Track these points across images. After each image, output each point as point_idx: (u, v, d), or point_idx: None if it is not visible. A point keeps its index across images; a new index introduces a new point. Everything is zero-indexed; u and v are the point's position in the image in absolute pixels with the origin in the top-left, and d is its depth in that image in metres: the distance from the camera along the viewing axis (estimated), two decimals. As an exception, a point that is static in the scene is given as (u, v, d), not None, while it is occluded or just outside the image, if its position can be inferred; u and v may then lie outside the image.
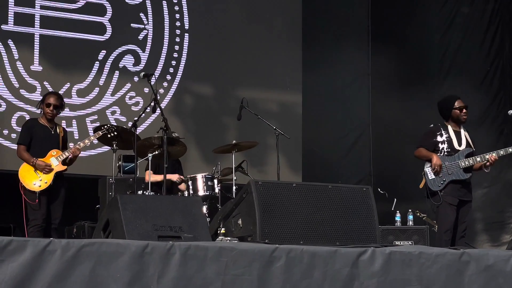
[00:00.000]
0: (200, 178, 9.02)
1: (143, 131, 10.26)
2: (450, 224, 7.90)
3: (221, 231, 6.62)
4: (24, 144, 7.96)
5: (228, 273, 5.43)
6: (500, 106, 12.81)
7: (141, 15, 11.04)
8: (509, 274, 6.21)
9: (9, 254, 4.90)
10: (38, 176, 7.81)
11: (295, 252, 5.65)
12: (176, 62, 11.20)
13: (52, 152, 7.94)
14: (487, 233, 12.64)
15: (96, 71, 10.72)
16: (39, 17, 10.44)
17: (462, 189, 8.01)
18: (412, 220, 9.96)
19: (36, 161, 7.81)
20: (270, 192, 6.47)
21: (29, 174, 7.82)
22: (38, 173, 7.82)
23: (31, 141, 7.97)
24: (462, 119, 8.09)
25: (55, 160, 7.91)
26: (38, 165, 7.81)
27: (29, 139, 7.97)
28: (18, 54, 10.30)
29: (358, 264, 5.80)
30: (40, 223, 7.77)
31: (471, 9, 13.03)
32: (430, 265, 6.02)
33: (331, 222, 6.59)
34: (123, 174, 9.34)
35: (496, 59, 13.01)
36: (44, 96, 8.13)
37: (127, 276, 5.17)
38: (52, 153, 7.93)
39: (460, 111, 8.07)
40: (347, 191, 6.83)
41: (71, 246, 5.07)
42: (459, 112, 8.07)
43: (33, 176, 7.81)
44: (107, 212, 6.43)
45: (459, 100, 8.13)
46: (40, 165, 7.81)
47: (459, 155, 8.01)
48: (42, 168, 7.81)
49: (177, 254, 5.32)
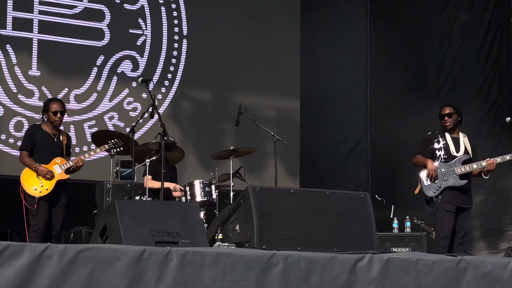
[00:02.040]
0: (198, 184, 9.01)
1: (141, 137, 10.26)
2: (448, 231, 7.90)
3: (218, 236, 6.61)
4: (27, 149, 7.97)
5: (225, 278, 5.42)
6: (498, 113, 12.82)
7: (139, 21, 11.04)
8: (506, 281, 6.21)
9: (6, 259, 4.89)
10: (39, 182, 7.81)
11: (293, 258, 5.65)
12: (174, 67, 11.20)
13: (57, 160, 7.94)
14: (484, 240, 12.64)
15: (94, 76, 10.72)
16: (38, 22, 10.44)
17: (460, 196, 8.02)
18: (409, 227, 9.97)
19: (39, 166, 7.82)
20: (268, 198, 6.47)
21: (31, 178, 7.83)
22: (40, 179, 7.82)
23: (34, 148, 7.97)
24: (444, 126, 8.14)
25: (59, 168, 7.91)
26: (40, 171, 7.82)
27: (32, 145, 7.98)
28: (16, 59, 10.30)
29: (355, 270, 5.80)
30: (41, 229, 7.77)
31: (469, 16, 13.04)
32: (427, 272, 6.02)
33: (328, 228, 6.59)
34: (121, 180, 9.33)
35: (494, 66, 13.02)
36: (48, 104, 8.11)
37: (124, 281, 5.16)
38: (57, 161, 7.94)
39: (441, 119, 8.13)
40: (344, 198, 6.83)
41: (68, 251, 5.06)
42: (441, 121, 8.14)
43: (35, 181, 7.81)
44: (105, 218, 6.43)
45: (443, 108, 8.21)
46: (42, 170, 7.81)
47: (456, 161, 8.02)
48: (44, 174, 7.81)
49: (174, 259, 5.31)
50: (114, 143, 8.25)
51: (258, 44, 11.67)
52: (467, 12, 13.03)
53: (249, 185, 6.68)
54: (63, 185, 8.00)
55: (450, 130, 8.13)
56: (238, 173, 9.44)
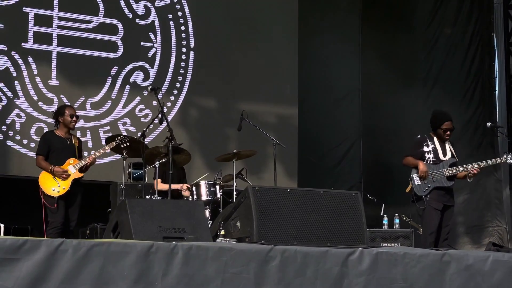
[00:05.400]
0: (204, 184, 8.98)
1: (152, 141, 10.22)
2: (435, 227, 7.92)
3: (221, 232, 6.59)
4: (43, 154, 7.96)
5: (227, 271, 5.41)
6: (479, 119, 12.81)
7: (150, 34, 11.02)
8: (487, 273, 6.19)
9: (24, 253, 4.89)
10: (56, 183, 7.80)
11: (289, 252, 5.63)
12: (182, 77, 11.18)
13: (70, 161, 7.93)
14: (468, 236, 12.63)
15: (108, 85, 10.69)
16: (57, 36, 10.42)
17: (446, 195, 8.05)
18: (398, 224, 9.93)
19: (54, 168, 7.81)
20: (266, 197, 6.46)
21: (48, 180, 7.81)
22: (56, 180, 7.81)
23: (49, 152, 7.96)
24: (444, 138, 8.12)
25: (73, 168, 7.90)
26: (56, 172, 7.81)
27: (47, 150, 7.97)
28: (37, 69, 10.28)
29: (347, 263, 5.78)
30: (59, 226, 7.76)
31: (453, 30, 13.05)
32: (414, 264, 6.00)
33: (322, 225, 6.56)
34: (133, 180, 9.30)
35: (476, 76, 13.03)
36: (63, 109, 8.11)
37: (133, 273, 5.15)
38: (70, 161, 7.93)
39: (445, 132, 8.09)
40: (337, 196, 6.81)
41: (82, 246, 5.05)
42: (443, 133, 8.09)
43: (52, 183, 7.80)
44: (116, 215, 6.42)
45: (448, 122, 8.11)
46: (57, 171, 7.80)
47: (444, 164, 8.03)
48: (60, 175, 7.80)
49: (180, 253, 5.30)
50: (121, 139, 8.24)
51: (259, 56, 11.64)
52: (451, 26, 13.03)
53: (249, 185, 6.66)
54: (78, 185, 7.98)
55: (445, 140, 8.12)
56: (240, 174, 9.42)
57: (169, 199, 7.75)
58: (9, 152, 10.03)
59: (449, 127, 8.08)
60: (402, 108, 12.35)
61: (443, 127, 8.07)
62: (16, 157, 10.04)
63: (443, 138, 8.09)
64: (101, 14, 10.73)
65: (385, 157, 12.17)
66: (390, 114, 12.44)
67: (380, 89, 12.66)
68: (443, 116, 8.21)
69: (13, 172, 10.05)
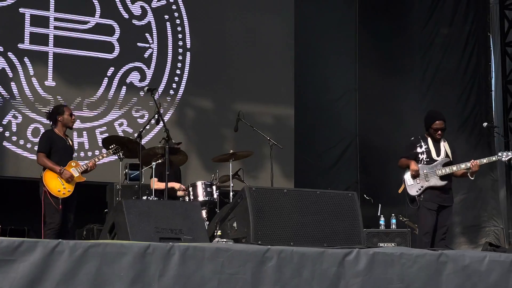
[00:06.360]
0: (200, 184, 8.98)
1: (148, 142, 10.23)
2: (429, 227, 7.91)
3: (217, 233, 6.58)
4: (45, 152, 7.89)
5: (224, 272, 5.39)
6: (476, 119, 12.82)
7: (146, 35, 11.02)
8: (483, 273, 6.18)
9: (20, 254, 4.86)
10: (61, 184, 7.75)
11: (286, 252, 5.62)
12: (178, 78, 11.17)
13: (72, 163, 7.91)
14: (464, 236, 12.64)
15: (105, 86, 10.69)
16: (53, 36, 10.41)
17: (441, 195, 8.02)
18: (395, 224, 9.94)
19: (64, 170, 7.76)
20: (263, 197, 6.44)
21: (53, 180, 7.76)
22: (61, 181, 7.76)
23: (51, 151, 7.92)
24: (436, 138, 8.11)
25: (75, 171, 7.87)
26: (64, 174, 7.76)
27: (49, 148, 7.91)
28: (33, 70, 10.27)
29: (344, 264, 5.77)
30: (57, 227, 7.73)
31: (449, 30, 13.06)
32: (411, 265, 5.99)
33: (319, 225, 6.55)
34: (129, 181, 9.30)
35: (473, 76, 13.04)
36: (61, 109, 8.08)
37: (130, 274, 5.13)
38: (72, 164, 7.90)
39: (435, 132, 8.08)
40: (334, 197, 6.79)
41: (78, 247, 5.03)
42: (434, 132, 8.08)
43: (57, 183, 7.74)
44: (113, 216, 6.40)
45: (439, 122, 8.09)
46: (66, 174, 7.76)
47: (437, 164, 8.03)
48: (67, 178, 7.76)
49: (176, 254, 5.28)
50: (115, 149, 8.23)
51: (256, 57, 11.65)
52: (448, 27, 13.04)
53: (246, 185, 6.65)
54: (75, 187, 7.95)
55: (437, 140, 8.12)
56: (237, 174, 9.42)
57: (165, 199, 7.74)
58: (5, 153, 10.02)
59: (439, 126, 8.07)
60: (399, 108, 12.35)
61: (434, 126, 8.08)
62: (12, 158, 10.03)
63: (435, 137, 8.09)
64: (98, 15, 10.73)
65: (382, 157, 12.17)
66: (386, 114, 12.45)
67: (376, 89, 12.67)
68: (434, 116, 8.22)
69: (9, 173, 10.04)
